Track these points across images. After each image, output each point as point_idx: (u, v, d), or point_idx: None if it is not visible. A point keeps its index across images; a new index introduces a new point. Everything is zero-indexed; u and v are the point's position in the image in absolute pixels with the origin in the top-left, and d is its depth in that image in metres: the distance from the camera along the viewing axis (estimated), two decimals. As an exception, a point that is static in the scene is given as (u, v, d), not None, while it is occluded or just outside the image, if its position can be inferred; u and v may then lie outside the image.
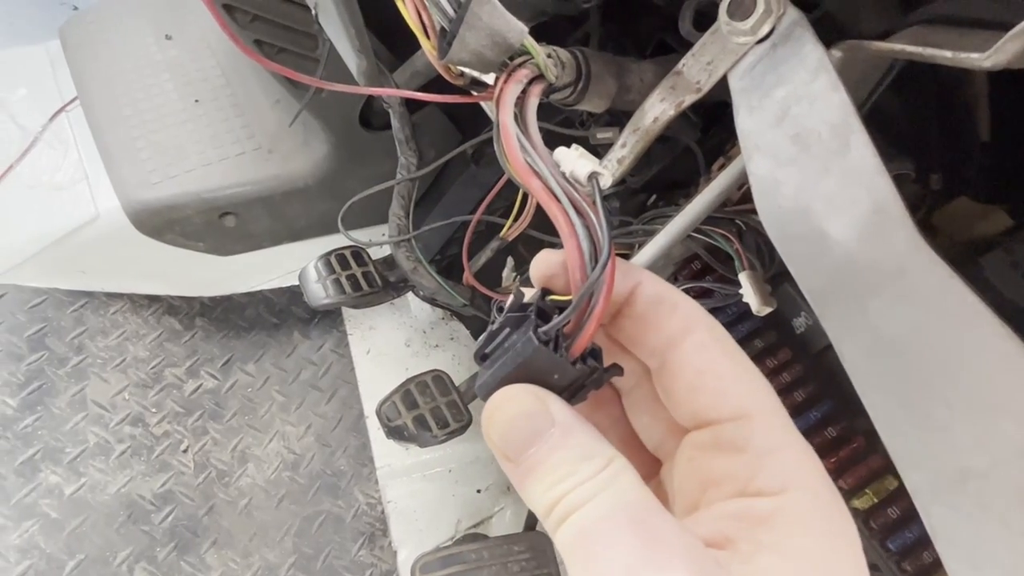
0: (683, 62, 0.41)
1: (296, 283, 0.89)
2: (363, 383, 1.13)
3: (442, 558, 0.70)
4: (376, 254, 0.92)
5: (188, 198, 0.90)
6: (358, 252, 0.89)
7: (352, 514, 1.04)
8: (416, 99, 0.36)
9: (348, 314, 1.19)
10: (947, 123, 0.58)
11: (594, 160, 0.25)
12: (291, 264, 1.04)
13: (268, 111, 0.98)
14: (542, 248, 0.25)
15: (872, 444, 0.65)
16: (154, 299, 1.15)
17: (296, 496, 1.04)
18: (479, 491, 1.02)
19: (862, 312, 0.32)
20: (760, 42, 0.37)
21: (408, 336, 1.15)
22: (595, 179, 0.24)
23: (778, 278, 0.63)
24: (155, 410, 1.06)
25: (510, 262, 0.87)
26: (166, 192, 0.89)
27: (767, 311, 0.58)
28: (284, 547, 1.00)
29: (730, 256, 0.62)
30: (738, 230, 0.62)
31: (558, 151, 0.25)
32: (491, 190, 0.78)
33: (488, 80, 0.29)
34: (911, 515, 0.61)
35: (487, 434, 0.22)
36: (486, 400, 0.23)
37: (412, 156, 0.82)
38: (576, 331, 0.22)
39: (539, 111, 0.26)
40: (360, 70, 0.65)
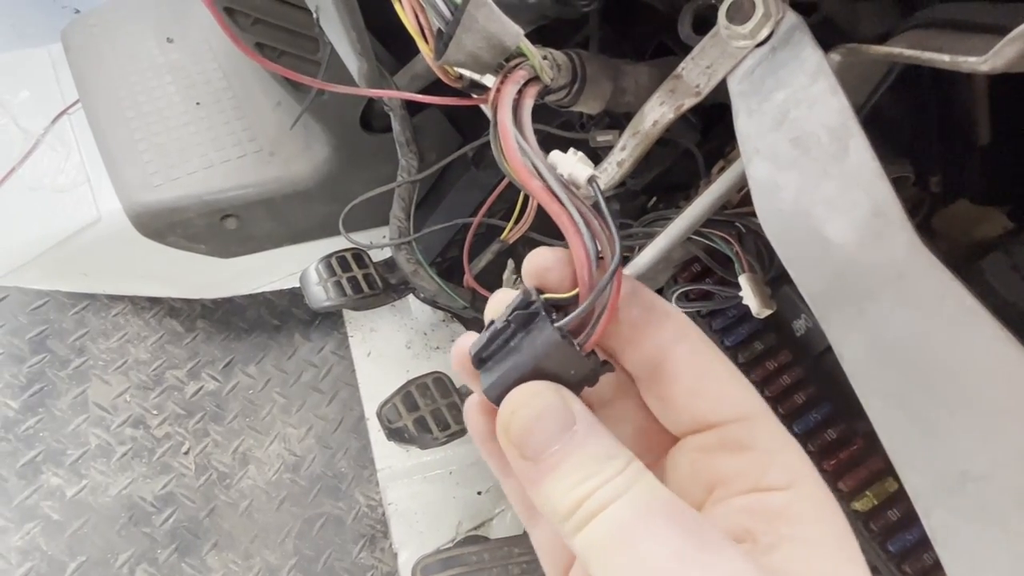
0: (682, 66, 0.41)
1: (297, 285, 0.89)
2: (364, 385, 1.13)
3: (443, 560, 0.71)
4: (377, 256, 0.93)
5: (190, 200, 0.90)
6: (359, 254, 0.89)
7: (353, 516, 1.04)
8: (416, 101, 0.36)
9: (349, 316, 1.19)
10: (946, 126, 0.58)
11: (590, 165, 0.25)
12: (292, 266, 1.04)
13: (269, 114, 0.98)
14: (543, 250, 0.25)
15: (872, 446, 0.65)
16: (155, 301, 1.15)
17: (297, 498, 1.04)
18: (480, 493, 1.02)
19: (862, 315, 0.32)
20: (759, 46, 0.37)
21: (409, 338, 1.15)
22: (594, 181, 0.24)
23: (778, 280, 0.63)
24: (156, 412, 1.07)
25: (511, 264, 0.88)
26: (168, 194, 0.90)
27: (767, 313, 0.59)
28: (285, 549, 1.00)
29: (730, 259, 0.62)
30: (738, 233, 0.62)
31: (553, 154, 0.25)
32: (492, 193, 0.79)
33: (487, 83, 0.30)
34: (911, 517, 0.61)
35: (503, 432, 0.22)
36: (498, 402, 0.23)
37: (413, 159, 0.82)
38: (589, 325, 0.22)
39: (540, 114, 0.27)
40: (361, 73, 0.66)
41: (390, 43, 0.78)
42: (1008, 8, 0.31)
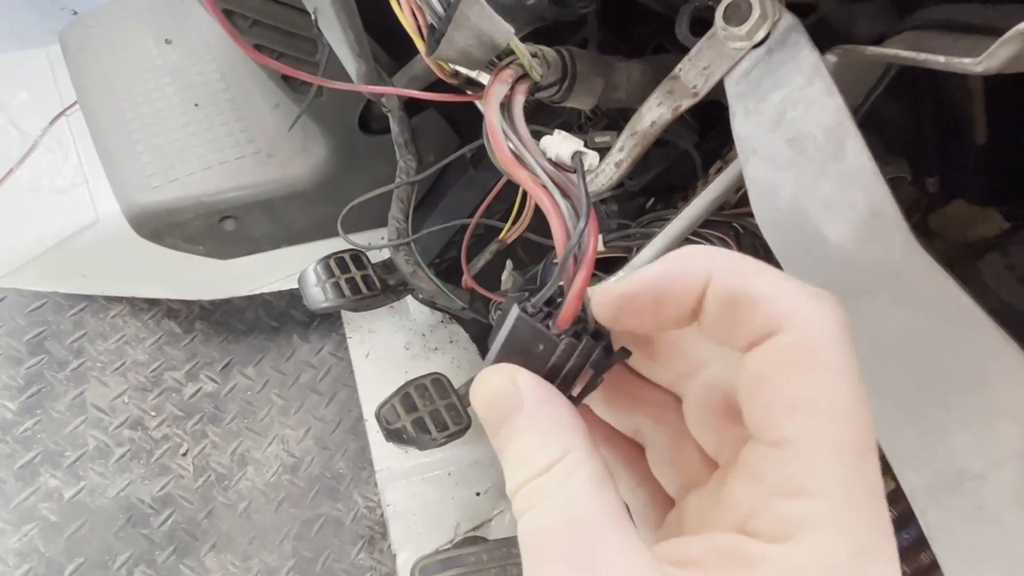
0: (680, 67, 0.41)
1: (295, 286, 0.89)
2: (362, 386, 1.13)
3: (441, 561, 0.71)
4: (375, 257, 0.93)
5: (188, 202, 0.90)
6: (357, 255, 0.89)
7: (351, 517, 1.04)
8: (412, 98, 0.37)
9: (347, 317, 1.19)
10: (943, 126, 0.58)
11: (577, 141, 0.25)
12: (290, 267, 1.04)
13: (267, 115, 0.98)
14: (541, 251, 0.25)
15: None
16: (153, 303, 1.15)
17: (295, 499, 1.04)
18: (478, 494, 1.02)
19: (858, 315, 0.33)
20: (756, 47, 0.37)
21: (407, 339, 1.15)
22: (579, 157, 0.25)
23: (776, 281, 0.63)
24: (154, 413, 1.06)
25: (509, 264, 0.88)
26: (166, 196, 0.90)
27: (765, 313, 0.59)
28: (283, 550, 1.00)
29: (728, 259, 0.62)
30: (735, 233, 0.62)
31: (543, 140, 0.26)
32: (490, 193, 0.79)
33: (483, 80, 0.30)
34: (908, 516, 0.61)
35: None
36: None
37: (411, 160, 0.82)
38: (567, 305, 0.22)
39: (539, 115, 0.27)
40: (359, 74, 0.66)
41: (388, 45, 0.78)
42: (1003, 10, 0.31)
